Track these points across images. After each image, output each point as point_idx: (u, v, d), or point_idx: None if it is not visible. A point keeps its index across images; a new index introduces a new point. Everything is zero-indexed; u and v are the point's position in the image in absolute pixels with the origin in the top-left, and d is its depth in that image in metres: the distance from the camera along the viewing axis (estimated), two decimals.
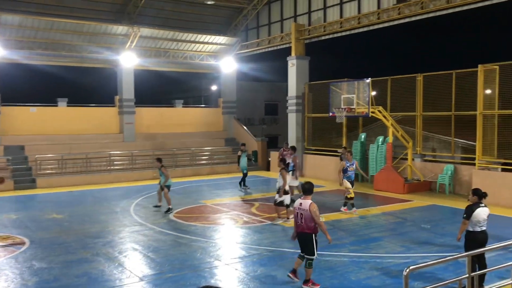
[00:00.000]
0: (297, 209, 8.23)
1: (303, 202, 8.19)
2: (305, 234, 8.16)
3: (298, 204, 8.25)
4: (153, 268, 9.51)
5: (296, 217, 8.24)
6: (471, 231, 7.83)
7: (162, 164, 15.42)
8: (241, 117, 32.37)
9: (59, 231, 12.63)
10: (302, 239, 8.28)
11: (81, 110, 25.65)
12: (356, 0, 22.03)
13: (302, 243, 8.31)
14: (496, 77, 16.51)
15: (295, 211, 8.29)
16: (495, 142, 16.59)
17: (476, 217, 7.76)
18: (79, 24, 23.41)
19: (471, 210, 7.82)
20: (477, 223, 7.78)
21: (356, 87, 18.35)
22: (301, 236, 8.26)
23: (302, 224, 8.12)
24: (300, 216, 8.14)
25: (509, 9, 24.37)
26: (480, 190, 8.06)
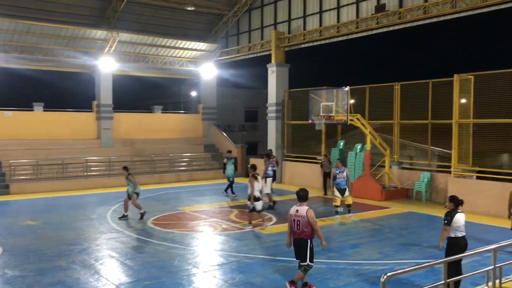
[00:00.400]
0: (293, 216, 8.23)
1: (299, 208, 8.21)
2: (301, 240, 8.17)
3: (294, 211, 8.25)
4: (130, 276, 9.38)
5: (292, 223, 8.23)
6: (453, 237, 7.90)
7: (129, 173, 14.96)
8: (220, 123, 32.32)
9: (34, 238, 12.37)
10: (298, 245, 8.27)
11: (57, 114, 25.23)
12: (335, 9, 22.30)
13: (298, 249, 8.29)
14: (471, 86, 16.86)
15: (291, 218, 8.28)
16: (470, 151, 16.92)
17: (457, 223, 7.86)
18: (57, 28, 23.10)
19: (451, 216, 7.91)
20: (457, 229, 7.87)
21: (335, 95, 18.52)
22: (298, 242, 8.26)
23: (299, 231, 8.14)
24: (296, 223, 8.16)
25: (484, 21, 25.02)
26: (457, 198, 8.17)
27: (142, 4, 24.82)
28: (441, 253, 10.69)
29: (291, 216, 8.29)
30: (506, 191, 15.23)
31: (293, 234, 8.27)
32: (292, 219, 8.25)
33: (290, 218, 8.30)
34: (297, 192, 8.46)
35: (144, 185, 21.96)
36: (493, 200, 15.55)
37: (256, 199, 13.54)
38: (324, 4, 22.93)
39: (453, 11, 17.65)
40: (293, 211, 8.29)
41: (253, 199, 13.50)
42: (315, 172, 21.87)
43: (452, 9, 17.62)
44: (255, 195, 13.58)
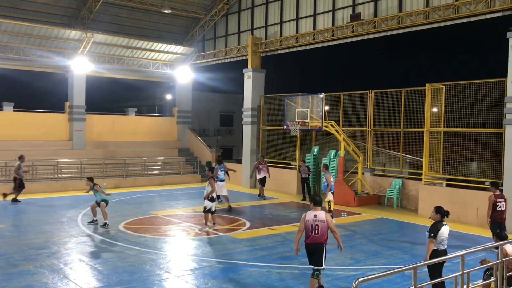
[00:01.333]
0: (311, 221, 8.17)
1: (317, 213, 8.21)
2: (318, 245, 8.17)
3: (312, 216, 8.19)
4: (100, 280, 9.21)
5: (310, 229, 8.17)
6: (435, 249, 7.69)
7: (95, 183, 14.20)
8: (195, 127, 32.18)
9: (0, 242, 12.03)
10: (313, 250, 8.24)
11: (28, 115, 24.66)
12: (312, 16, 22.53)
13: (314, 254, 8.25)
14: (443, 96, 17.27)
15: (308, 224, 8.18)
16: (440, 159, 17.29)
17: (441, 236, 7.70)
18: (29, 27, 22.62)
19: (437, 229, 7.70)
20: (441, 242, 7.71)
21: (310, 101, 18.70)
22: (313, 247, 8.22)
23: (317, 235, 8.13)
24: (315, 228, 8.13)
25: (455, 32, 25.65)
26: (442, 209, 7.94)
27: (118, 5, 24.56)
28: (411, 259, 10.89)
29: (308, 221, 8.19)
30: (474, 198, 15.65)
31: (309, 239, 8.19)
32: (310, 224, 8.17)
33: (308, 224, 8.19)
34: (314, 197, 8.46)
35: (116, 189, 21.74)
36: (462, 208, 15.92)
37: (212, 199, 13.76)
38: (300, 11, 23.15)
39: (426, 21, 18.06)
40: (310, 216, 8.21)
41: (210, 199, 13.72)
42: (290, 177, 21.99)
43: (425, 20, 18.03)
44: (213, 196, 13.82)
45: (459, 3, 17.00)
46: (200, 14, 26.92)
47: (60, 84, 27.38)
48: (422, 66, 37.57)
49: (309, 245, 8.25)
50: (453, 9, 17.19)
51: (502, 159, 15.28)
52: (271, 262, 10.60)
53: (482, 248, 7.56)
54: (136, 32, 26.76)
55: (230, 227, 14.37)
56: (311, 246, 8.23)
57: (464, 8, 16.93)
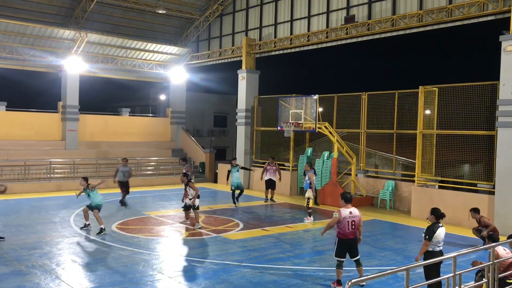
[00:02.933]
0: (347, 217, 8.70)
1: (352, 210, 8.82)
2: (355, 238, 8.87)
3: (348, 213, 8.73)
4: (93, 281, 9.18)
5: (347, 225, 8.69)
6: (431, 251, 7.74)
7: (89, 183, 13.45)
8: (189, 128, 32.11)
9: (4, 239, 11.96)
10: (354, 244, 8.85)
11: (21, 114, 24.52)
12: (306, 18, 22.59)
13: (354, 247, 8.87)
14: (436, 98, 17.37)
15: (345, 220, 8.69)
16: (433, 160, 17.38)
17: (437, 237, 7.73)
18: (23, 26, 22.50)
19: (433, 231, 7.74)
20: (437, 243, 7.75)
21: (304, 102, 18.73)
22: (353, 241, 8.84)
23: (354, 230, 8.76)
24: (351, 224, 8.71)
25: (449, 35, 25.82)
26: (438, 211, 7.97)
27: (112, 5, 24.50)
28: (404, 261, 10.94)
29: (345, 218, 8.69)
30: (466, 200, 15.75)
31: (348, 234, 8.72)
32: (347, 220, 8.70)
33: (345, 221, 8.68)
34: (345, 195, 9.01)
35: (109, 189, 21.60)
36: (454, 209, 16.00)
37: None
38: (295, 13, 23.21)
39: (419, 24, 18.16)
40: (346, 213, 8.75)
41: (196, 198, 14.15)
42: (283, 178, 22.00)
43: (418, 23, 18.13)
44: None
45: (452, 6, 17.12)
46: (195, 14, 26.91)
47: (54, 83, 27.24)
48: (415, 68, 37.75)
49: (348, 240, 8.78)
50: (446, 12, 17.31)
51: (494, 161, 15.39)
52: (264, 263, 10.61)
53: (473, 250, 7.63)
54: (130, 32, 26.70)
55: (223, 228, 14.37)
56: (351, 240, 8.81)
57: (457, 11, 17.05)
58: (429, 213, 8.08)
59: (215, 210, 17.54)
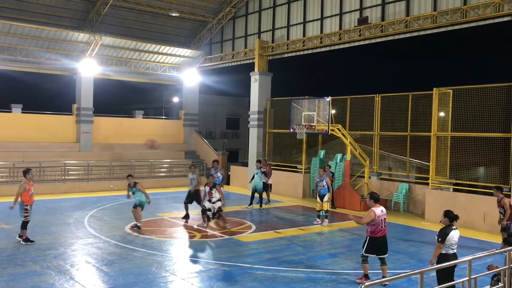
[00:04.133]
0: (381, 216, 9.11)
1: (382, 208, 9.24)
2: (386, 237, 9.31)
3: (380, 211, 9.13)
4: (106, 282, 9.24)
5: (381, 223, 9.10)
6: (444, 253, 7.67)
7: (136, 182, 14.15)
8: (202, 130, 32.24)
9: (7, 243, 12.11)
10: (385, 242, 9.28)
11: (36, 117, 24.82)
12: (319, 20, 22.54)
13: (386, 245, 9.30)
14: (450, 100, 17.19)
15: (379, 219, 9.06)
16: (447, 163, 17.20)
17: (450, 240, 7.66)
18: (38, 30, 22.80)
19: (445, 234, 7.67)
20: (450, 246, 7.68)
21: (317, 104, 18.67)
22: (385, 239, 9.25)
23: (385, 227, 9.21)
24: (383, 222, 9.16)
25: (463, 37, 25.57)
26: (451, 213, 7.90)
27: (126, 8, 24.72)
28: (418, 264, 10.84)
29: (379, 216, 9.08)
30: (481, 203, 15.57)
31: (380, 232, 9.10)
32: (380, 219, 9.09)
33: (379, 219, 9.07)
34: (374, 195, 9.40)
35: (123, 191, 21.76)
36: (469, 213, 15.82)
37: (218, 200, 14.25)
38: (308, 14, 23.17)
39: (433, 26, 18.01)
40: (379, 211, 9.13)
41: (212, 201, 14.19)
42: (296, 180, 22.00)
43: (432, 24, 17.98)
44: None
45: (467, 7, 16.95)
46: (208, 17, 27.02)
47: (68, 86, 27.56)
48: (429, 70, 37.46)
49: (381, 238, 9.17)
50: (461, 13, 17.14)
51: (510, 164, 15.17)
52: (277, 265, 10.59)
53: (489, 254, 7.52)
54: (143, 35, 26.90)
55: (236, 230, 14.37)
56: (383, 238, 9.20)
57: (472, 12, 16.88)
58: (442, 216, 8.01)
59: (228, 212, 17.52)
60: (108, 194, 21.30)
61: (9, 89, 31.57)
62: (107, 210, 17.39)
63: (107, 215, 16.35)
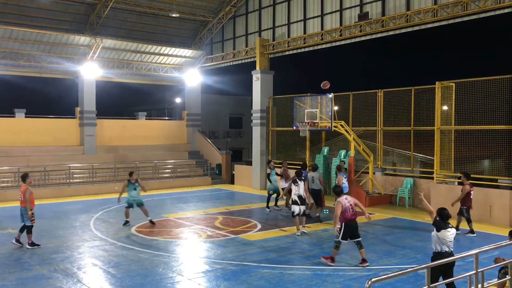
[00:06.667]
0: (347, 203, 10.23)
1: (347, 197, 10.50)
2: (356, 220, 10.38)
3: (345, 200, 10.29)
4: (114, 284, 9.27)
5: (349, 209, 10.19)
6: (439, 251, 7.58)
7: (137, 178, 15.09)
8: (205, 130, 32.25)
9: (14, 247, 12.15)
10: (357, 225, 10.42)
11: (39, 121, 24.90)
12: (319, 17, 22.50)
13: (357, 229, 10.43)
14: (453, 93, 17.13)
15: (345, 206, 10.15)
16: (452, 157, 17.14)
17: (447, 237, 7.57)
18: (39, 34, 22.85)
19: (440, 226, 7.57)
20: (445, 243, 7.60)
21: (319, 101, 18.63)
22: (356, 223, 10.38)
23: (354, 213, 10.28)
24: (351, 207, 10.24)
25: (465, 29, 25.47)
26: (445, 211, 7.77)
27: (126, 10, 24.75)
28: (424, 259, 10.81)
29: (345, 204, 10.18)
30: (487, 196, 15.52)
31: (351, 216, 10.18)
32: (347, 205, 10.19)
33: (345, 206, 10.16)
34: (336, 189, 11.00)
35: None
36: (475, 206, 15.73)
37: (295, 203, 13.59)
38: (308, 12, 23.14)
39: (434, 19, 17.94)
40: (344, 200, 10.27)
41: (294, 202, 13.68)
42: None
43: (433, 18, 17.92)
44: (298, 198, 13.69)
45: (467, 0, 16.88)
46: (208, 17, 27.02)
47: (70, 89, 27.63)
48: (431, 64, 37.33)
49: (353, 221, 10.27)
50: (461, 6, 17.08)
51: None
52: (283, 263, 10.59)
53: (496, 246, 7.49)
54: (144, 36, 26.93)
55: (241, 229, 14.38)
56: (355, 222, 10.32)
57: (473, 5, 16.81)
58: (435, 214, 7.88)
59: (233, 211, 17.58)
60: (113, 196, 21.28)
61: (12, 94, 31.70)
62: (113, 212, 17.43)
63: (112, 217, 16.39)
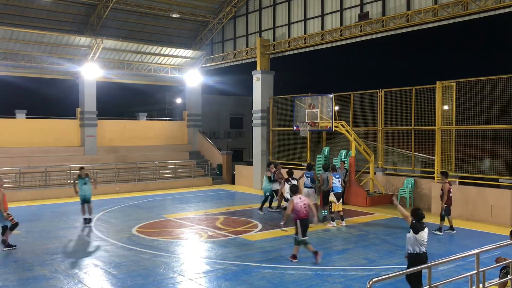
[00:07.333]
0: (300, 202, 10.62)
1: (301, 196, 10.94)
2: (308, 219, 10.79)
3: (298, 199, 10.70)
4: (115, 285, 9.27)
5: (301, 208, 10.57)
6: (418, 253, 7.57)
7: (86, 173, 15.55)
8: (206, 130, 32.26)
9: (15, 248, 12.15)
10: (308, 223, 10.83)
11: (40, 122, 24.92)
12: (320, 17, 22.50)
13: (308, 226, 10.85)
14: (453, 93, 17.12)
15: (298, 205, 10.58)
16: (452, 156, 17.14)
17: (423, 238, 7.60)
18: (40, 35, 22.87)
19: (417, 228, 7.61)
20: (423, 244, 7.62)
21: (320, 101, 18.63)
22: (308, 221, 10.77)
23: (307, 211, 10.67)
24: (303, 206, 10.61)
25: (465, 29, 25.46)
26: (419, 211, 7.84)
27: (127, 11, 24.76)
28: None
29: (297, 203, 10.61)
30: (488, 196, 15.51)
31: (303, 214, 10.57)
32: (299, 204, 10.61)
33: (298, 205, 10.59)
34: (292, 189, 11.20)
35: (128, 193, 21.90)
36: (476, 205, 15.77)
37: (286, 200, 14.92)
38: (308, 12, 23.14)
39: (435, 19, 17.94)
40: (297, 199, 10.69)
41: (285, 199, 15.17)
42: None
43: (434, 17, 17.91)
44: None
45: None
46: (208, 17, 27.02)
47: (71, 90, 27.64)
48: (432, 63, 37.32)
49: (306, 219, 10.71)
50: (462, 5, 17.07)
51: None
52: (284, 263, 10.59)
53: (497, 246, 7.49)
54: (145, 37, 26.94)
55: (242, 229, 14.38)
56: (307, 220, 10.76)
57: (473, 5, 16.80)
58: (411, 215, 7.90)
59: (234, 212, 17.58)
60: (114, 197, 21.35)
61: (12, 95, 31.72)
62: (114, 212, 17.44)
63: (113, 217, 16.40)
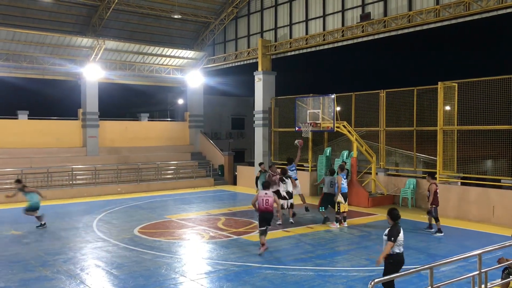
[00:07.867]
0: (263, 197, 11.43)
1: (267, 192, 11.68)
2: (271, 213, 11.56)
3: (263, 194, 11.51)
4: (117, 285, 9.28)
5: (262, 202, 11.37)
6: (398, 253, 7.52)
7: (24, 185, 15.12)
8: (207, 131, 32.28)
9: (17, 248, 12.18)
10: (268, 217, 11.47)
11: (42, 123, 24.96)
12: (321, 17, 22.50)
13: (270, 220, 11.60)
14: (455, 94, 17.11)
15: (260, 198, 11.40)
16: (454, 157, 17.11)
17: (400, 238, 7.56)
18: (42, 36, 22.91)
19: (398, 232, 7.54)
20: (401, 244, 7.58)
21: (322, 102, 18.62)
22: (268, 215, 11.43)
23: (268, 206, 11.39)
24: (264, 201, 11.37)
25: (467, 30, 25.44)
26: (395, 211, 7.80)
27: (129, 12, 24.80)
28: (427, 259, 10.80)
29: (260, 196, 11.45)
30: (490, 197, 15.49)
31: (263, 208, 11.35)
32: (261, 198, 11.40)
33: (260, 198, 11.41)
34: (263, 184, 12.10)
35: (130, 194, 21.91)
36: (478, 206, 15.74)
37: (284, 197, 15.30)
38: (310, 12, 23.14)
39: (436, 19, 17.92)
40: (262, 193, 11.54)
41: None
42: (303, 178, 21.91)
43: (435, 18, 17.90)
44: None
45: (470, 0, 16.85)
46: (210, 18, 27.04)
47: (73, 91, 27.70)
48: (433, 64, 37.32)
49: (265, 213, 11.40)
50: (464, 6, 17.05)
51: None
52: (286, 264, 10.59)
53: (499, 247, 7.48)
54: (147, 38, 26.97)
55: (244, 230, 14.38)
56: (266, 213, 11.42)
57: (475, 5, 16.78)
58: (387, 216, 7.85)
59: (235, 212, 17.58)
60: (116, 198, 21.38)
61: (15, 96, 31.82)
62: (116, 213, 17.45)
63: (115, 218, 16.41)
